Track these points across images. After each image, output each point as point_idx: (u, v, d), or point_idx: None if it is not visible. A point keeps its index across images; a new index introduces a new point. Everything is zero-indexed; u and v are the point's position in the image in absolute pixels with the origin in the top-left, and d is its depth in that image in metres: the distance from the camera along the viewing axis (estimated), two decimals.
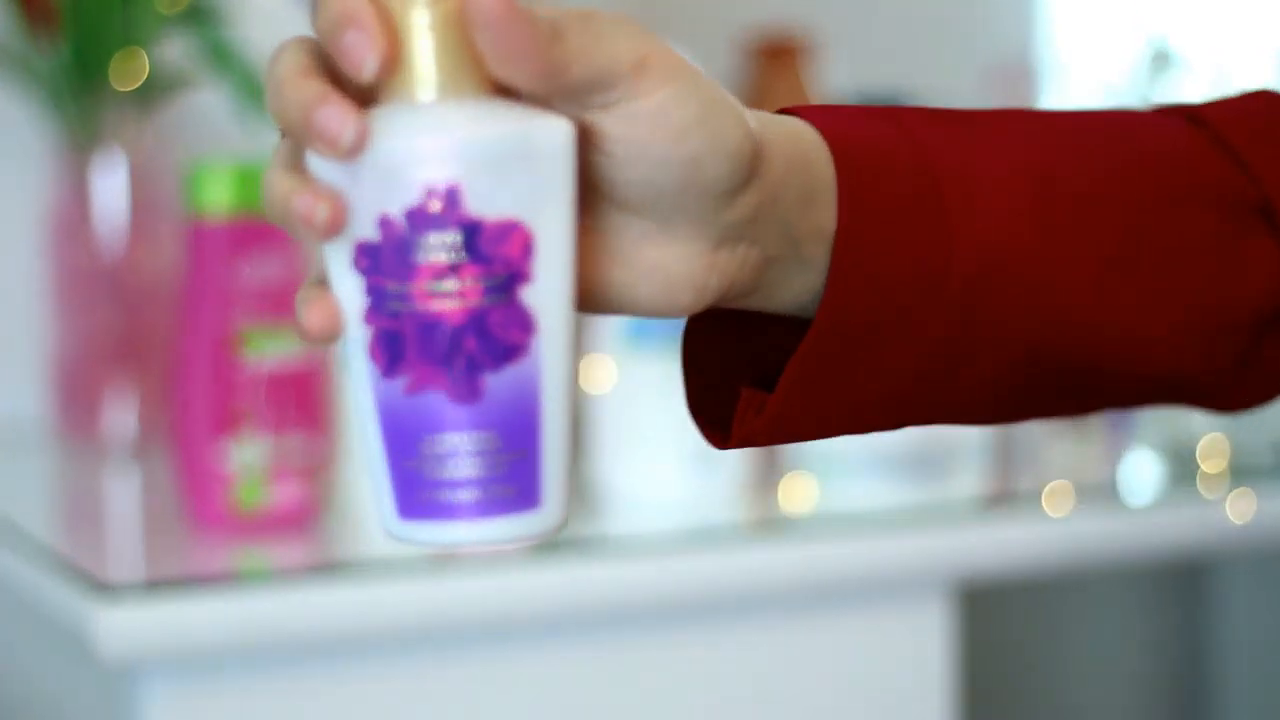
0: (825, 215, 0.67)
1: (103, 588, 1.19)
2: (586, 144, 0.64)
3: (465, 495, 0.62)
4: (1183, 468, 1.57)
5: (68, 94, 1.63)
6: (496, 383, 0.61)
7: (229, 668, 1.20)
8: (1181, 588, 2.21)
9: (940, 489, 1.52)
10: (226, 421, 1.31)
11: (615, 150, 0.63)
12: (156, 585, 1.21)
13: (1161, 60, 1.86)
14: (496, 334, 0.61)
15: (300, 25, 1.83)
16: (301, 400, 1.33)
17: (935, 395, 0.71)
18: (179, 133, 1.70)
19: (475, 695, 1.27)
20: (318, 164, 0.61)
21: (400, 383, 0.61)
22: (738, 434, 0.70)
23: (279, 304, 1.32)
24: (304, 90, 0.59)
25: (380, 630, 1.23)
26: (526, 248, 0.61)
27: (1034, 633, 2.16)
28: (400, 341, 0.61)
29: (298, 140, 0.60)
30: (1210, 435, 1.65)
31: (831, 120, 0.68)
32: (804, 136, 0.67)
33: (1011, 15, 2.28)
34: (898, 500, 1.48)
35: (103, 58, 1.61)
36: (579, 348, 0.62)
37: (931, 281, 0.68)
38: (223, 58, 1.60)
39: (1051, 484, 1.47)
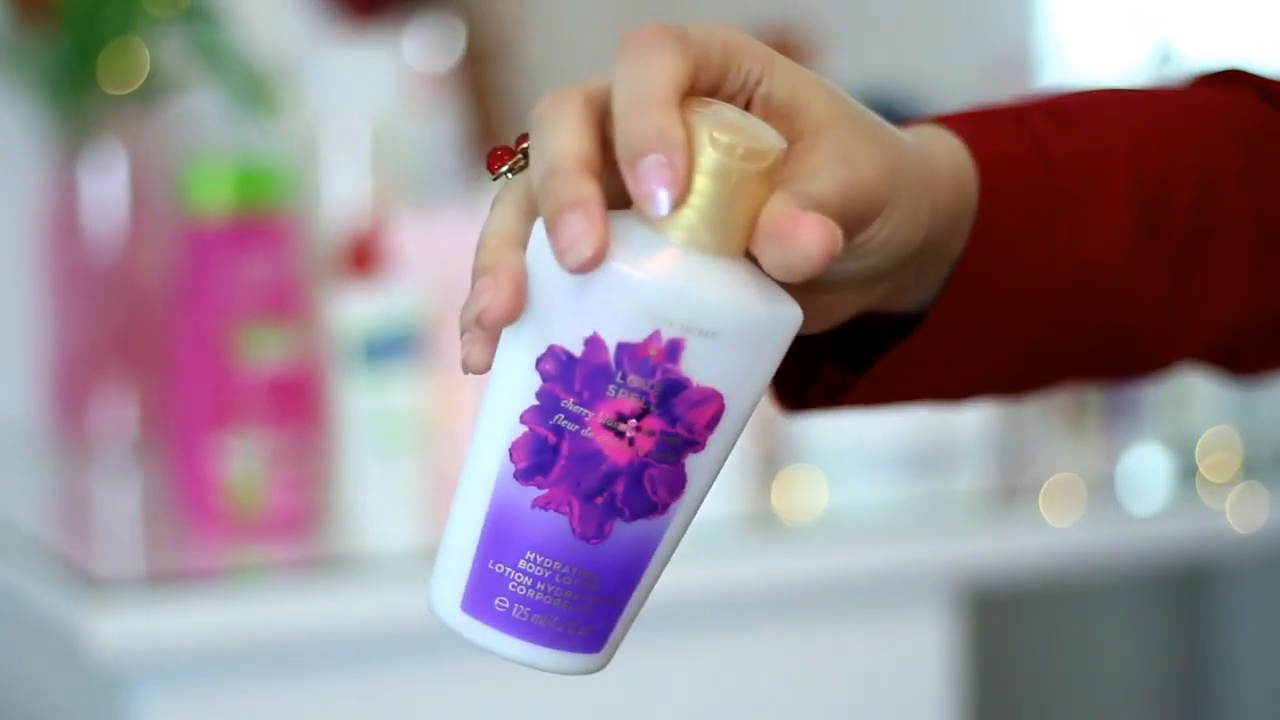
0: (959, 245, 0.68)
1: (97, 588, 1.19)
2: None
3: (540, 620, 0.60)
4: (1187, 463, 1.57)
5: (65, 93, 1.62)
6: (623, 532, 0.60)
7: (223, 670, 1.20)
8: (1187, 593, 2.20)
9: (942, 488, 1.51)
10: (224, 422, 1.30)
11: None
12: (151, 586, 1.20)
13: (1164, 57, 1.86)
14: (647, 489, 0.59)
15: (294, 26, 1.83)
16: (299, 401, 1.33)
17: (1007, 382, 0.74)
18: (177, 132, 1.69)
19: (473, 696, 1.26)
20: (540, 247, 0.58)
21: (530, 492, 0.59)
22: (814, 405, 0.71)
23: (277, 304, 1.32)
24: (570, 185, 0.57)
25: (376, 632, 1.23)
26: (714, 420, 0.59)
27: (1039, 638, 2.16)
28: (550, 455, 0.59)
29: (535, 213, 0.58)
30: (1215, 429, 1.65)
31: (982, 143, 0.68)
32: (962, 180, 0.67)
33: (1012, 11, 2.27)
34: (900, 501, 1.48)
35: (99, 56, 1.61)
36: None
37: (1032, 297, 0.70)
38: (221, 57, 1.59)
39: (1055, 478, 1.46)
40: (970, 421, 1.56)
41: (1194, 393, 1.71)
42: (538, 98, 0.61)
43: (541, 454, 0.59)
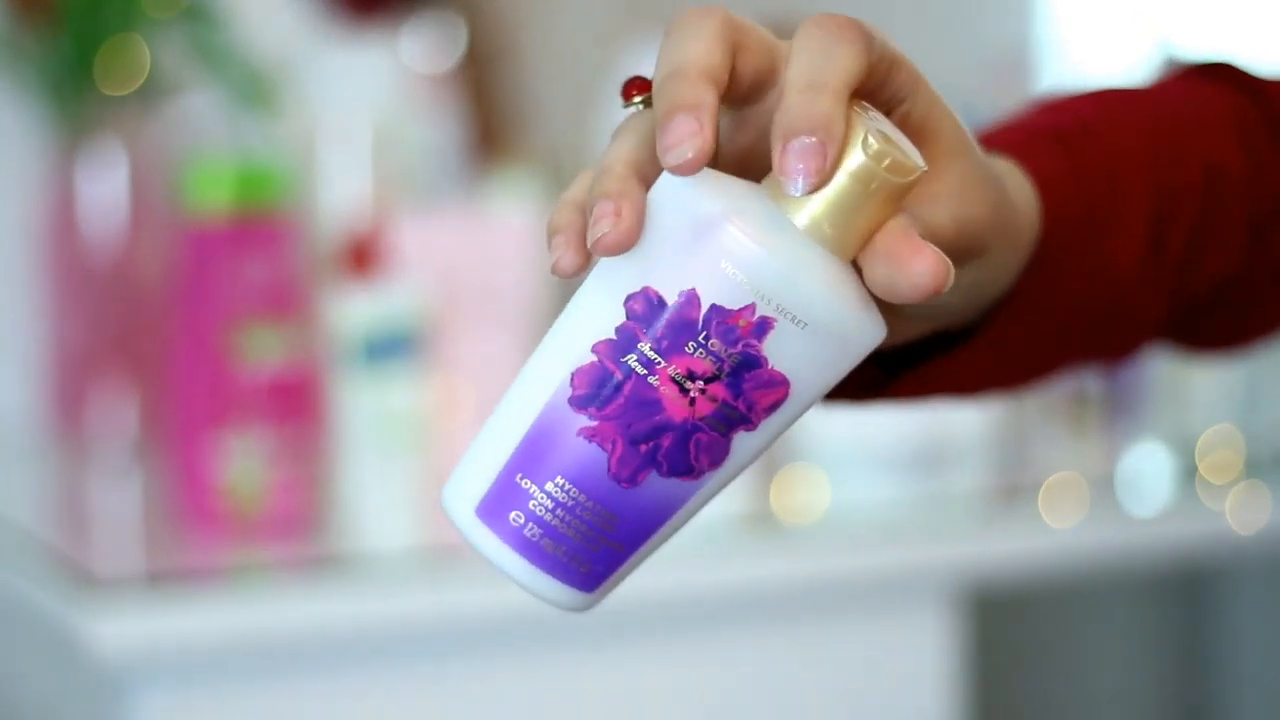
0: (1014, 273, 0.69)
1: (96, 588, 1.19)
2: None
3: (549, 546, 0.61)
4: (1188, 463, 1.57)
5: (64, 92, 1.62)
6: (653, 484, 0.61)
7: (223, 670, 1.20)
8: (1187, 593, 2.20)
9: (942, 488, 1.51)
10: (223, 422, 1.30)
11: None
12: (151, 586, 1.20)
13: (1164, 56, 1.86)
14: (690, 452, 0.60)
15: (294, 26, 1.83)
16: (299, 401, 1.33)
17: (1031, 381, 0.75)
18: (176, 132, 1.69)
19: (473, 697, 1.26)
20: (664, 193, 0.59)
21: (579, 419, 0.60)
22: (850, 398, 0.72)
23: (277, 304, 1.31)
24: (690, 88, 0.57)
25: (377, 632, 1.23)
26: (774, 406, 0.60)
27: (1039, 638, 2.16)
28: (612, 392, 0.60)
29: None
30: (1215, 428, 1.65)
31: (1036, 173, 0.69)
32: (1033, 216, 0.68)
33: (1011, 11, 2.27)
34: (900, 501, 1.48)
35: (98, 55, 1.61)
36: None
37: (1070, 310, 0.71)
38: (220, 57, 1.59)
39: (1055, 478, 1.46)
40: (970, 421, 1.56)
41: (1194, 392, 1.71)
42: (538, 98, 0.61)
43: (603, 386, 0.60)
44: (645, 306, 0.59)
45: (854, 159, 0.59)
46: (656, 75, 0.59)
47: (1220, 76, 0.79)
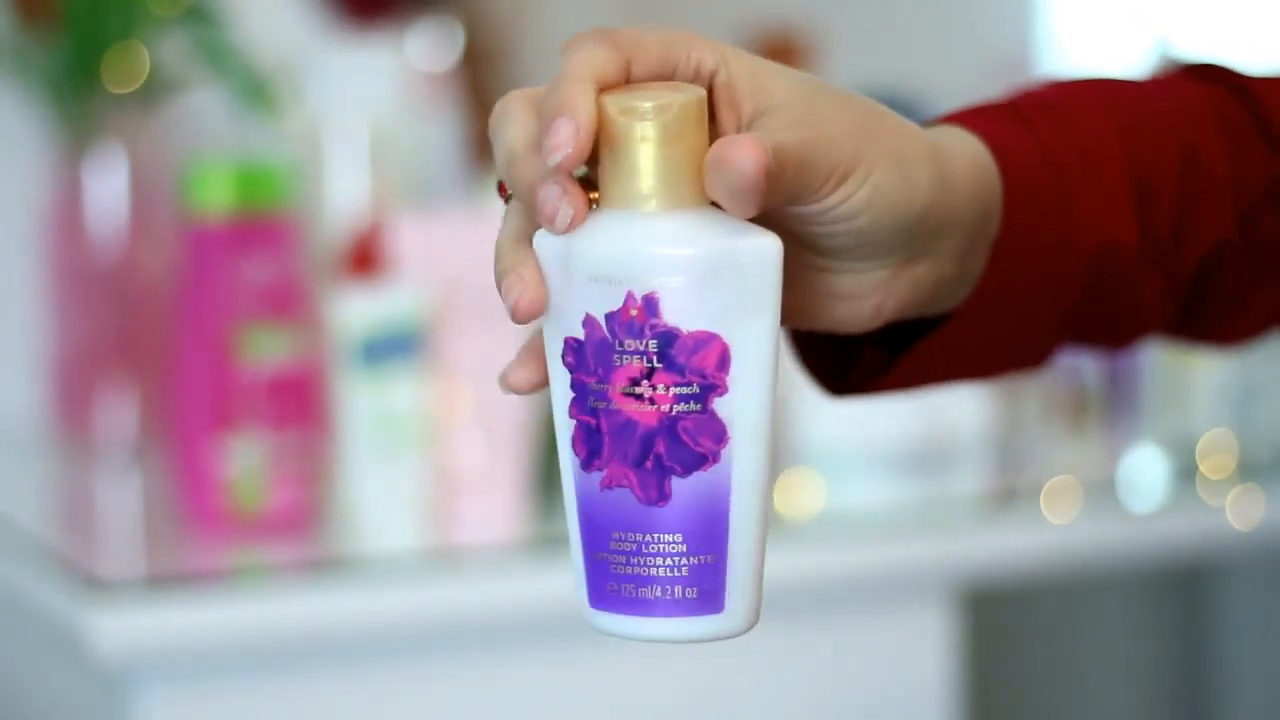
0: (994, 231, 0.72)
1: (99, 588, 1.19)
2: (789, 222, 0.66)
3: (648, 593, 0.64)
4: (1187, 463, 1.57)
5: (66, 93, 1.62)
6: (684, 488, 0.63)
7: (224, 670, 1.20)
8: (1186, 591, 2.20)
9: (942, 488, 1.51)
10: (225, 422, 1.30)
11: (816, 232, 0.67)
12: (153, 586, 1.20)
13: (1163, 56, 1.86)
14: (686, 441, 0.63)
15: (295, 26, 1.83)
16: (299, 401, 1.33)
17: (1030, 358, 0.78)
18: (178, 132, 1.69)
19: (473, 696, 1.26)
20: (542, 254, 0.64)
21: (596, 477, 0.64)
22: (860, 388, 0.76)
23: (277, 304, 1.32)
24: (529, 165, 0.63)
25: (378, 632, 1.23)
26: (723, 360, 0.63)
27: (1039, 637, 2.16)
28: (598, 438, 0.63)
29: (527, 209, 0.64)
30: (1215, 430, 1.65)
31: (988, 135, 0.72)
32: (982, 165, 0.71)
33: (1011, 11, 2.27)
34: (900, 501, 1.48)
35: (101, 56, 1.61)
36: (776, 455, 0.63)
37: (1057, 279, 0.74)
38: (222, 57, 1.59)
39: (1054, 480, 1.46)
40: (970, 421, 1.56)
41: (1194, 394, 1.71)
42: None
43: (591, 440, 0.64)
44: (572, 354, 0.64)
45: (620, 129, 0.63)
46: (498, 167, 0.65)
47: (1205, 74, 0.81)
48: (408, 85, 1.70)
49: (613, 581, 0.64)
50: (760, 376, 0.63)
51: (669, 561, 0.64)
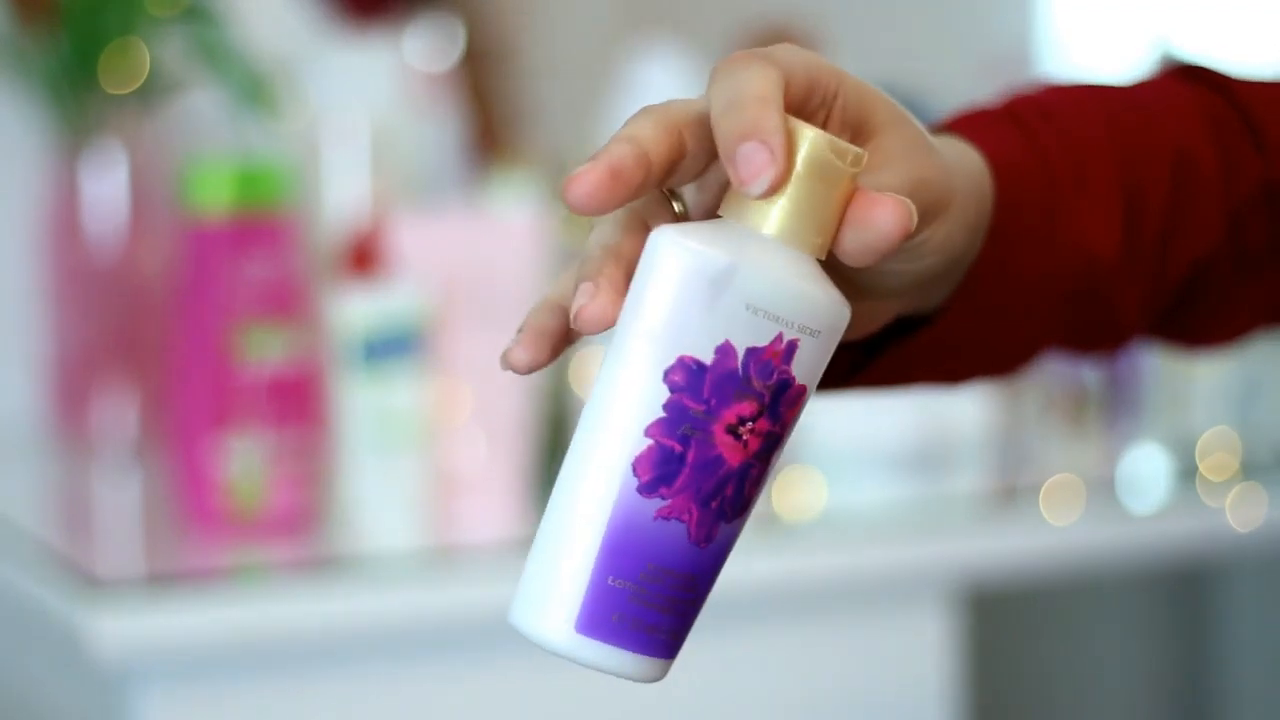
0: (978, 246, 0.71)
1: (98, 588, 1.19)
2: None
3: (654, 633, 0.62)
4: (1187, 463, 1.57)
5: (65, 92, 1.62)
6: (721, 534, 0.62)
7: (223, 670, 1.20)
8: (1187, 592, 2.20)
9: (942, 488, 1.51)
10: (224, 422, 1.30)
11: (884, 269, 0.66)
12: (152, 586, 1.20)
13: (1163, 56, 1.86)
14: (746, 490, 0.61)
15: (295, 26, 1.83)
16: (299, 401, 1.33)
17: (1006, 365, 0.78)
18: (177, 132, 1.69)
19: (473, 697, 1.26)
20: (680, 260, 0.60)
21: (654, 504, 0.60)
22: (832, 386, 0.75)
23: (277, 304, 1.32)
24: (590, 262, 0.61)
25: (378, 632, 1.23)
26: (798, 415, 0.62)
27: (1039, 638, 2.16)
28: (676, 464, 0.60)
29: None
30: (1214, 429, 1.65)
31: (990, 149, 0.72)
32: (984, 194, 0.71)
33: (1011, 10, 2.27)
34: (900, 501, 1.48)
35: (100, 55, 1.61)
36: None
37: (1038, 289, 0.74)
38: (221, 57, 1.59)
39: (1054, 480, 1.46)
40: (970, 421, 1.56)
41: (1194, 393, 1.71)
42: (538, 98, 0.63)
43: (668, 465, 0.60)
44: (685, 375, 0.60)
45: (807, 157, 0.60)
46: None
47: (1194, 77, 0.81)
48: (408, 85, 1.70)
49: (622, 613, 0.61)
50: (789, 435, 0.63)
51: (680, 602, 0.62)
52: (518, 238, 1.40)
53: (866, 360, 0.75)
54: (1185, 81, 0.81)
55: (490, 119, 1.96)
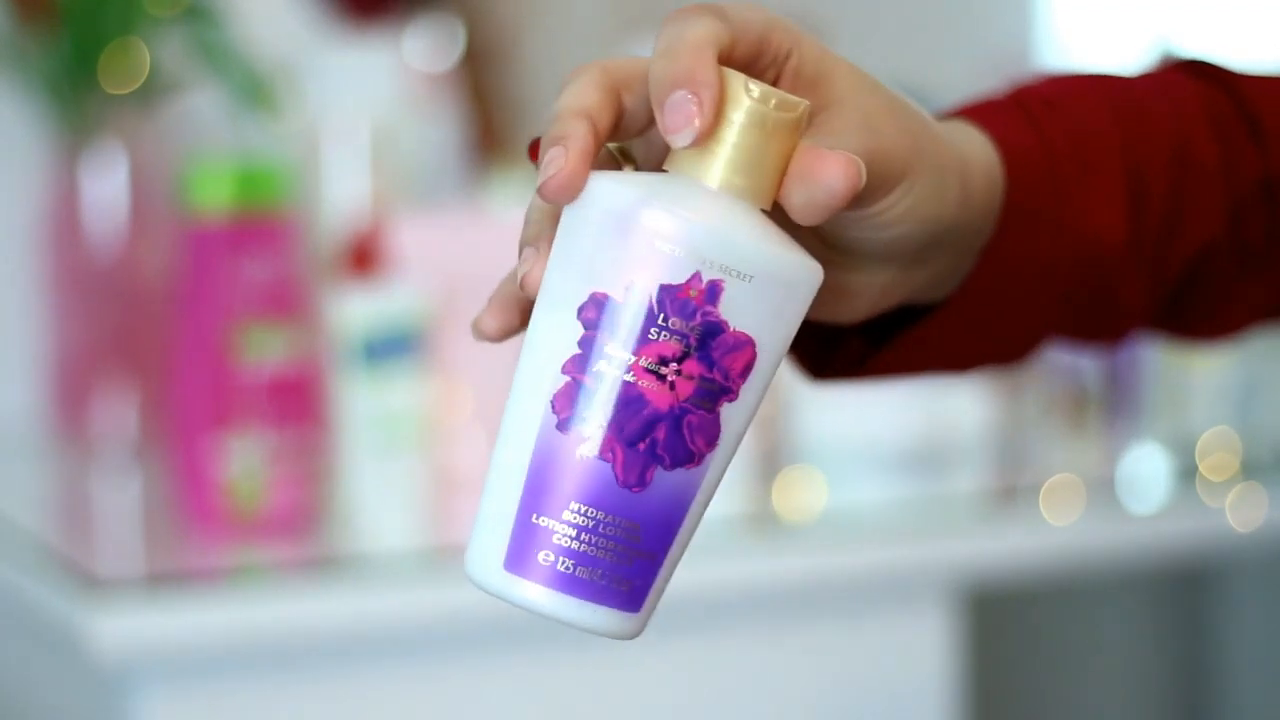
0: (989, 235, 0.72)
1: (98, 588, 1.19)
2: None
3: (585, 573, 0.61)
4: (1187, 463, 1.57)
5: (65, 92, 1.62)
6: (662, 481, 0.61)
7: (223, 670, 1.20)
8: (1187, 592, 2.20)
9: (942, 488, 1.51)
10: (224, 422, 1.30)
11: (851, 236, 0.66)
12: (152, 586, 1.20)
13: (1164, 55, 1.86)
14: (686, 437, 0.61)
15: (295, 26, 1.83)
16: (299, 401, 1.33)
17: (1012, 352, 0.78)
18: (177, 132, 1.69)
19: (473, 696, 1.26)
20: (604, 198, 0.61)
21: (572, 441, 0.60)
22: (843, 374, 0.75)
23: (277, 304, 1.32)
24: (561, 124, 0.61)
25: (378, 632, 1.23)
26: (747, 368, 0.61)
27: (1039, 637, 2.16)
28: (592, 402, 0.60)
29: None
30: (1215, 429, 1.65)
31: (998, 134, 0.73)
32: (993, 175, 0.71)
33: (1012, 9, 2.27)
34: (900, 501, 1.48)
35: (100, 55, 1.61)
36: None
37: (1045, 275, 0.74)
38: (221, 57, 1.59)
39: (1054, 480, 1.46)
40: (970, 421, 1.56)
41: (1194, 393, 1.71)
42: (538, 98, 0.64)
43: (583, 401, 0.60)
44: (598, 311, 0.60)
45: (741, 105, 0.61)
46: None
47: (1195, 71, 0.81)
48: (408, 85, 1.70)
49: (548, 551, 0.61)
50: (760, 395, 0.62)
51: (619, 548, 0.61)
52: (518, 238, 1.39)
53: (872, 350, 0.75)
54: (1186, 75, 0.81)
55: (490, 119, 1.96)
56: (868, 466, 1.51)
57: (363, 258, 1.39)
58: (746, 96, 0.61)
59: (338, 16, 1.85)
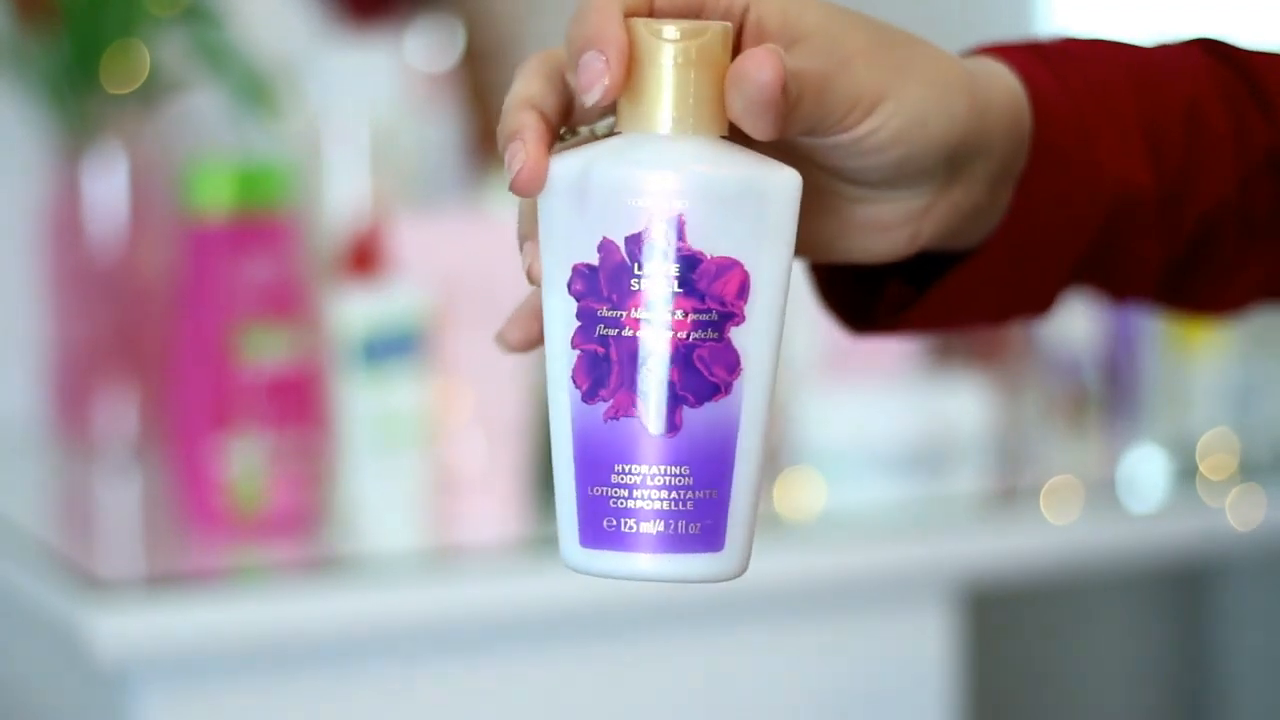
0: (1021, 161, 0.72)
1: (99, 588, 1.19)
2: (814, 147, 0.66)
3: (649, 528, 0.62)
4: (1187, 464, 1.57)
5: (66, 93, 1.62)
6: (695, 419, 0.62)
7: (224, 670, 1.20)
8: (1186, 592, 2.20)
9: (942, 488, 1.51)
10: (225, 422, 1.30)
11: (853, 166, 0.67)
12: (153, 586, 1.20)
13: None
14: (701, 370, 0.62)
15: (295, 26, 1.83)
16: (300, 401, 1.33)
17: (1046, 301, 0.78)
18: (178, 132, 1.69)
19: (473, 696, 1.26)
20: (555, 178, 0.63)
21: (599, 408, 0.62)
22: (884, 325, 0.75)
23: (277, 304, 1.32)
24: (511, 118, 0.63)
25: (378, 632, 1.23)
26: (743, 288, 0.62)
27: (1039, 637, 2.16)
28: (605, 366, 0.62)
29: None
30: (1214, 430, 1.65)
31: (1024, 69, 0.73)
32: (1016, 94, 0.71)
33: (1011, 10, 2.27)
34: (900, 501, 1.48)
35: (100, 56, 1.61)
36: (778, 391, 0.65)
37: (1081, 219, 0.74)
38: (222, 57, 1.59)
39: (1054, 480, 1.46)
40: (970, 422, 1.56)
41: (1194, 394, 1.71)
42: None
43: (596, 369, 0.62)
44: (581, 280, 0.63)
45: (659, 50, 0.62)
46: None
47: (1204, 47, 0.82)
48: (408, 85, 1.70)
49: (610, 517, 0.62)
50: (776, 309, 0.63)
51: (674, 495, 0.62)
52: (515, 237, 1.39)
53: (914, 299, 0.75)
54: (1195, 48, 0.81)
55: (490, 119, 1.96)
56: (868, 466, 1.52)
57: (363, 258, 1.39)
58: (661, 40, 0.62)
59: (338, 16, 1.85)
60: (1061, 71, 0.75)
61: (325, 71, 1.65)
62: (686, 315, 0.62)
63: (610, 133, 0.66)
